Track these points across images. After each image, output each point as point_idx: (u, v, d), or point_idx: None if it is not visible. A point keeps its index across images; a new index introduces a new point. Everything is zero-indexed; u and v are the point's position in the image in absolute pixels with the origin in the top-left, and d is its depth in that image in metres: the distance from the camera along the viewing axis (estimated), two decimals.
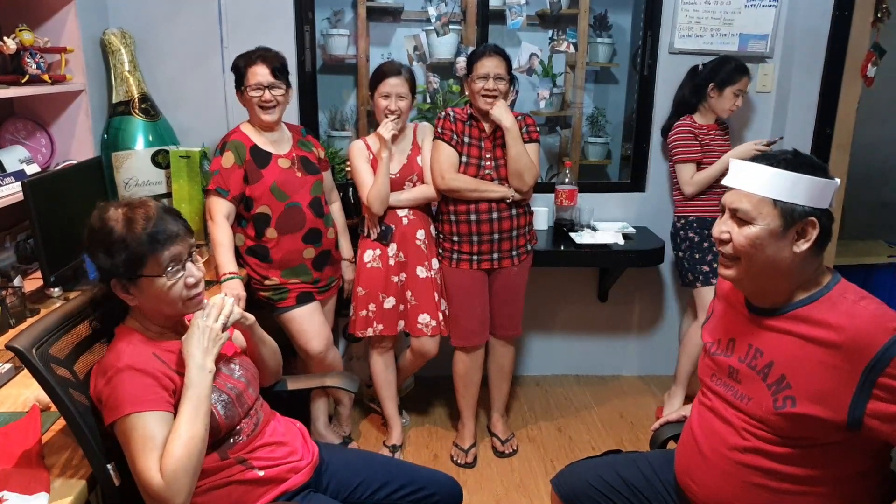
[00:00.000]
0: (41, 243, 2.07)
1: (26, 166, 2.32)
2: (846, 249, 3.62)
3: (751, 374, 1.40)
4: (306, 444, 1.64)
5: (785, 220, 1.32)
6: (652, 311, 3.38)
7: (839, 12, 2.89)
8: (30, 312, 2.06)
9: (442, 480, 1.75)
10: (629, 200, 3.20)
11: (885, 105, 3.75)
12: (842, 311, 1.30)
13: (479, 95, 2.42)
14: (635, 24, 3.29)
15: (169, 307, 1.41)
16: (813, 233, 1.32)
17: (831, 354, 1.28)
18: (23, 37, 2.28)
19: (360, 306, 2.56)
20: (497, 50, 2.45)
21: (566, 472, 1.75)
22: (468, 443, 2.76)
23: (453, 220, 2.52)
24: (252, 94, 2.29)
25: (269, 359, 1.72)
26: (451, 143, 2.48)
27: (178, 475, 1.26)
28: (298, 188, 2.36)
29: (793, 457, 1.35)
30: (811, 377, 1.30)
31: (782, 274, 1.36)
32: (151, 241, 1.35)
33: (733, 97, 2.77)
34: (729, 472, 1.42)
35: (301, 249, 2.38)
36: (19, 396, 1.61)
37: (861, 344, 1.25)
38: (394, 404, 2.77)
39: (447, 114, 2.53)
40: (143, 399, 1.30)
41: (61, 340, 1.40)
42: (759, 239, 1.34)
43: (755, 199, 1.34)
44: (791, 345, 1.35)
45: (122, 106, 2.71)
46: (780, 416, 1.33)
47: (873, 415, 1.25)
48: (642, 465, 1.65)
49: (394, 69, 2.47)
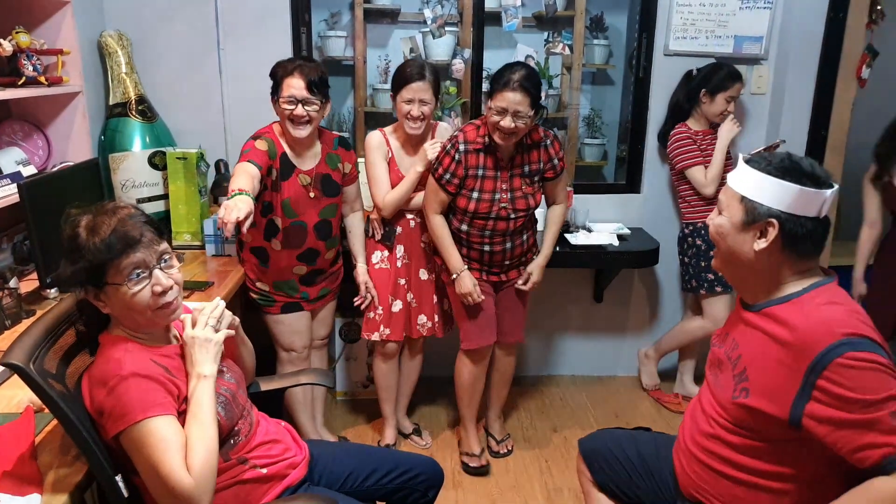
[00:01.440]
0: (37, 245, 2.08)
1: (23, 168, 2.33)
2: (841, 249, 3.62)
3: (728, 364, 1.48)
4: (296, 441, 1.68)
5: (747, 216, 1.39)
6: (647, 312, 3.38)
7: (833, 14, 2.91)
8: (26, 314, 2.06)
9: (425, 461, 1.83)
10: (625, 202, 3.21)
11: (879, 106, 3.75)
12: (802, 312, 1.33)
13: (495, 129, 2.24)
14: (631, 25, 3.30)
15: (139, 315, 1.38)
16: (771, 233, 1.37)
17: (783, 352, 1.32)
18: (19, 39, 2.29)
19: (370, 308, 2.57)
20: (524, 84, 2.15)
21: (595, 434, 1.91)
22: (478, 448, 2.72)
23: (464, 244, 2.44)
24: (285, 107, 2.16)
25: (248, 359, 1.75)
26: (447, 187, 2.33)
27: (206, 474, 1.29)
28: (308, 208, 2.30)
29: (750, 449, 1.41)
30: (765, 372, 1.36)
31: (745, 267, 1.44)
32: (108, 249, 1.31)
33: (725, 103, 2.82)
34: (696, 457, 1.51)
35: (293, 266, 2.37)
36: (13, 398, 1.61)
37: (807, 344, 1.28)
38: (391, 406, 2.77)
39: (456, 147, 2.30)
40: (153, 404, 1.30)
41: (51, 352, 1.38)
42: (721, 227, 1.44)
43: (729, 193, 1.44)
44: (756, 339, 1.41)
45: (118, 108, 2.72)
46: (735, 405, 1.40)
47: (810, 415, 1.28)
48: (661, 446, 1.73)
49: (417, 72, 2.33)
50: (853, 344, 1.25)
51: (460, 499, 2.52)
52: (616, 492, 1.76)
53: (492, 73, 2.33)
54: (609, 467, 1.76)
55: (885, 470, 1.23)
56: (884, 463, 1.22)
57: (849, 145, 3.09)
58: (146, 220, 1.39)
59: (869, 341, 1.26)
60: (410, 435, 2.85)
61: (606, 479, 1.77)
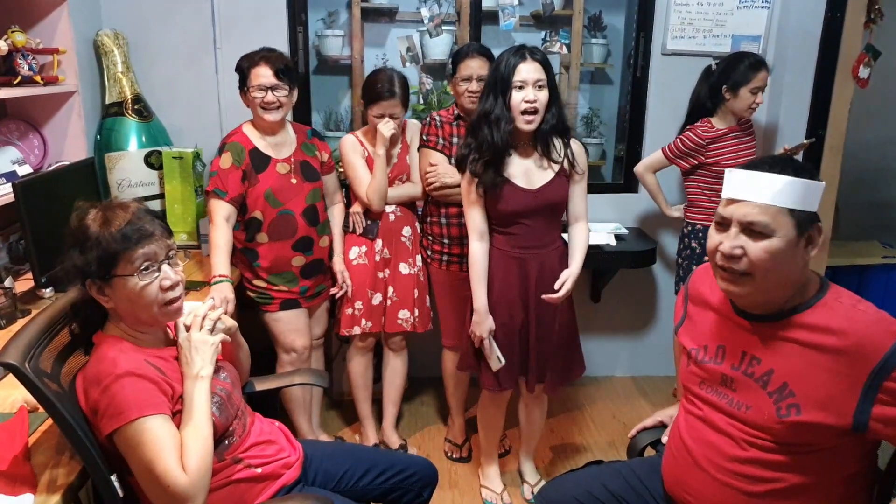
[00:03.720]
0: (32, 245, 2.08)
1: (18, 167, 2.32)
2: (840, 250, 3.62)
3: (748, 381, 1.37)
4: (290, 441, 1.68)
5: (799, 228, 1.28)
6: (645, 312, 3.38)
7: (831, 14, 2.90)
8: (21, 314, 2.06)
9: (419, 461, 1.83)
10: (622, 201, 3.21)
11: (877, 106, 3.75)
12: (842, 316, 1.29)
13: (465, 96, 2.40)
14: (629, 24, 3.30)
15: (144, 311, 1.39)
16: (819, 238, 1.31)
17: (834, 360, 1.27)
18: (15, 38, 2.28)
19: (346, 304, 2.56)
20: (481, 50, 2.41)
21: (550, 488, 1.72)
22: (461, 438, 2.78)
23: (444, 223, 2.50)
24: (255, 96, 2.26)
25: (244, 361, 1.75)
26: (438, 148, 2.46)
27: (201, 473, 1.29)
28: (293, 195, 2.35)
29: (789, 464, 1.33)
30: (815, 384, 1.28)
31: (791, 283, 1.33)
32: (124, 239, 1.34)
33: (751, 96, 2.61)
34: (727, 483, 1.39)
35: (290, 257, 2.38)
36: (7, 398, 1.61)
37: (866, 348, 1.24)
38: (368, 405, 2.75)
39: (432, 119, 2.49)
40: (148, 403, 1.30)
41: (46, 351, 1.38)
42: (780, 252, 1.28)
43: (772, 211, 1.28)
44: (791, 351, 1.32)
45: (114, 107, 2.72)
46: (785, 424, 1.30)
47: (878, 419, 1.25)
48: (628, 475, 1.62)
49: (388, 89, 2.39)
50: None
51: (456, 499, 2.52)
52: None
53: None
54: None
55: None
56: None
57: (847, 145, 3.09)
58: (156, 217, 1.43)
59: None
60: (396, 451, 2.74)
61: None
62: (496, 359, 2.15)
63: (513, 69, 1.97)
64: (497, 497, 2.48)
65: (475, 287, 2.12)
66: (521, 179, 2.07)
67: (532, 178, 2.08)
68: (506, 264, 2.13)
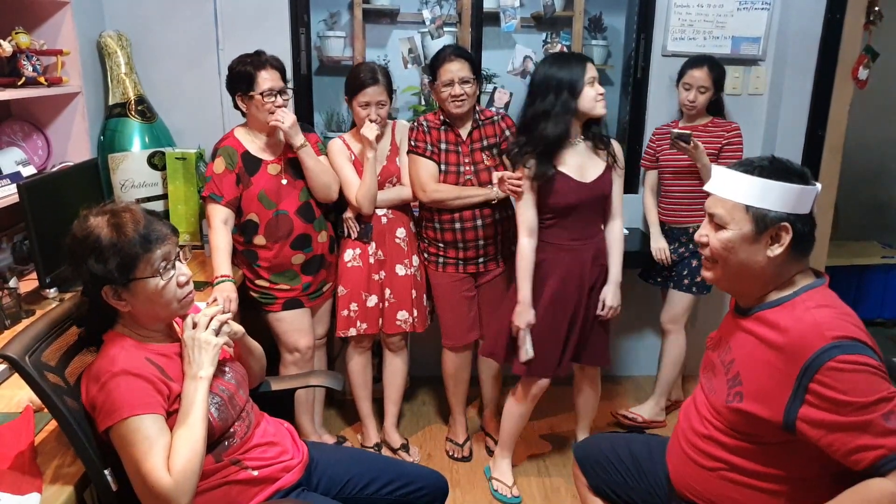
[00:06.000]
0: (36, 245, 2.09)
1: (22, 168, 2.34)
2: (839, 250, 3.64)
3: (721, 368, 1.49)
4: (296, 443, 1.67)
5: (757, 225, 1.37)
6: (643, 313, 3.38)
7: (831, 15, 2.91)
8: (25, 314, 2.07)
9: (429, 475, 1.80)
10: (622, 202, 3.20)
11: (877, 106, 3.76)
12: (793, 315, 1.34)
13: (449, 101, 2.40)
14: (629, 26, 3.30)
15: (163, 309, 1.43)
16: (786, 238, 1.36)
17: (776, 356, 1.33)
18: (19, 39, 2.30)
19: (342, 306, 2.57)
20: (459, 52, 2.43)
21: (589, 439, 1.96)
22: (462, 437, 2.79)
23: (437, 227, 2.51)
24: (267, 100, 2.26)
25: (255, 367, 1.76)
26: (426, 154, 2.45)
27: (186, 475, 1.30)
28: (286, 195, 2.36)
29: (743, 450, 1.41)
30: (758, 376, 1.36)
31: (755, 276, 1.42)
32: (144, 242, 1.36)
33: (684, 91, 2.72)
34: (689, 457, 1.52)
35: (290, 256, 2.39)
36: (13, 398, 1.63)
37: (797, 347, 1.29)
38: (368, 404, 2.76)
39: (419, 124, 2.49)
40: (140, 402, 1.32)
41: (52, 346, 1.41)
42: (731, 242, 1.40)
43: (728, 205, 1.40)
44: (749, 344, 1.41)
45: (118, 108, 2.73)
46: (729, 409, 1.41)
47: (804, 419, 1.28)
48: (654, 447, 1.74)
49: (371, 78, 2.40)
50: (843, 347, 1.25)
51: (458, 499, 2.53)
52: (611, 495, 1.76)
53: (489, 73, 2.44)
54: (603, 471, 1.77)
55: (879, 471, 1.23)
56: (878, 465, 1.23)
57: (846, 145, 3.10)
58: (161, 217, 1.47)
59: (859, 344, 1.27)
60: (398, 451, 2.76)
61: (601, 483, 1.77)
62: (525, 351, 2.29)
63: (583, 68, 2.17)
64: (508, 490, 2.53)
65: (521, 281, 2.26)
66: (574, 173, 2.23)
67: (585, 173, 2.25)
68: (563, 258, 2.29)
